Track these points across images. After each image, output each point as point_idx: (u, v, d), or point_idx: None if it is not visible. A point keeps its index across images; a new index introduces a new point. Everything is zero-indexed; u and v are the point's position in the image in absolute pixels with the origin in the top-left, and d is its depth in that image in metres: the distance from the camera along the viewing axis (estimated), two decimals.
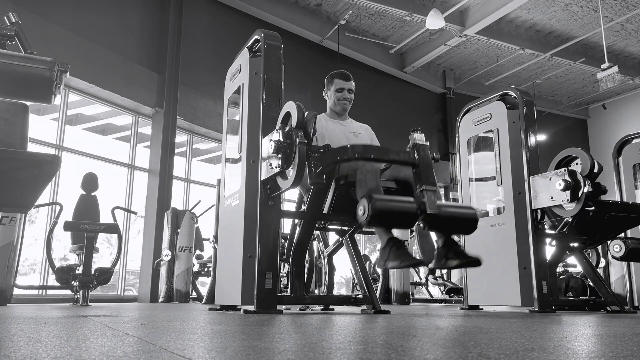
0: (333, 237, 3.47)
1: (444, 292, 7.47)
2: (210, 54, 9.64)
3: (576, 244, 4.07)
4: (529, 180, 3.82)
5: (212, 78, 8.73)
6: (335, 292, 5.40)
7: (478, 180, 4.53)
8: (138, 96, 8.54)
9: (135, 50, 8.83)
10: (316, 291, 4.44)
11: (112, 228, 4.85)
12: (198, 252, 7.95)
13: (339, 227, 3.25)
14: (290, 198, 7.48)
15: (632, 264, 5.06)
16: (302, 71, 10.53)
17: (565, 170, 3.56)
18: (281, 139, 2.57)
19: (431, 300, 7.77)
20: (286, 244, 3.44)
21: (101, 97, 8.28)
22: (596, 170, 3.69)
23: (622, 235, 4.21)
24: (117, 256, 5.17)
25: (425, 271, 7.80)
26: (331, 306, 3.67)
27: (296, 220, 3.27)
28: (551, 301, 3.67)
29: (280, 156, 2.58)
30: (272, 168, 2.69)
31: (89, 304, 4.43)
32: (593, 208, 3.61)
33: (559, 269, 5.65)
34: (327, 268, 4.20)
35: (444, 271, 7.64)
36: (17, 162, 1.96)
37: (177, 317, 2.45)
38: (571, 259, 5.15)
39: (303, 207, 3.09)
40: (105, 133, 9.66)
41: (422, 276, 8.04)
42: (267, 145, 2.72)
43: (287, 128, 2.60)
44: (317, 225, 3.18)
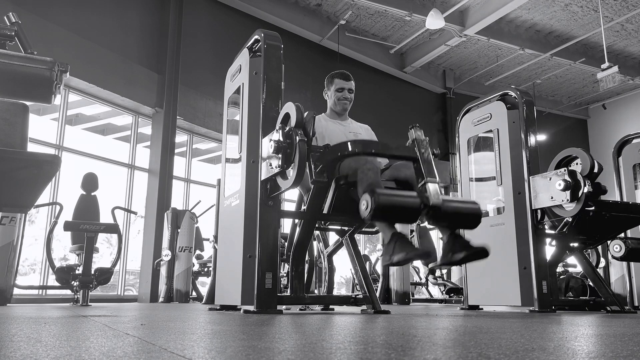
0: (333, 237, 3.47)
1: (444, 292, 7.48)
2: (210, 54, 9.64)
3: (576, 244, 4.07)
4: (529, 180, 3.82)
5: (212, 78, 8.73)
6: (335, 292, 5.41)
7: (478, 180, 4.53)
8: (138, 96, 8.54)
9: (135, 50, 8.83)
10: (316, 291, 4.44)
11: (112, 228, 4.85)
12: (198, 252, 7.95)
13: (339, 227, 3.25)
14: (290, 198, 7.48)
15: (632, 264, 5.06)
16: (302, 71, 10.53)
17: (565, 170, 3.56)
18: (281, 139, 2.57)
19: (431, 300, 7.77)
20: (286, 244, 3.45)
21: (101, 97, 8.29)
22: (596, 170, 3.69)
23: (622, 235, 4.21)
24: (117, 256, 5.17)
25: (425, 271, 7.81)
26: (331, 306, 3.67)
27: (296, 220, 3.27)
28: (551, 301, 3.67)
29: (280, 156, 2.58)
30: (272, 168, 2.69)
31: (89, 304, 4.44)
32: (593, 208, 3.60)
33: (559, 269, 5.65)
34: (327, 268, 4.21)
35: (444, 271, 7.65)
36: (17, 162, 1.96)
37: (177, 317, 2.45)
38: (571, 259, 5.15)
39: (303, 207, 3.08)
40: (105, 133, 9.67)
41: (422, 276, 8.05)
42: (267, 145, 2.72)
43: (287, 128, 2.60)
44: (317, 225, 3.18)
